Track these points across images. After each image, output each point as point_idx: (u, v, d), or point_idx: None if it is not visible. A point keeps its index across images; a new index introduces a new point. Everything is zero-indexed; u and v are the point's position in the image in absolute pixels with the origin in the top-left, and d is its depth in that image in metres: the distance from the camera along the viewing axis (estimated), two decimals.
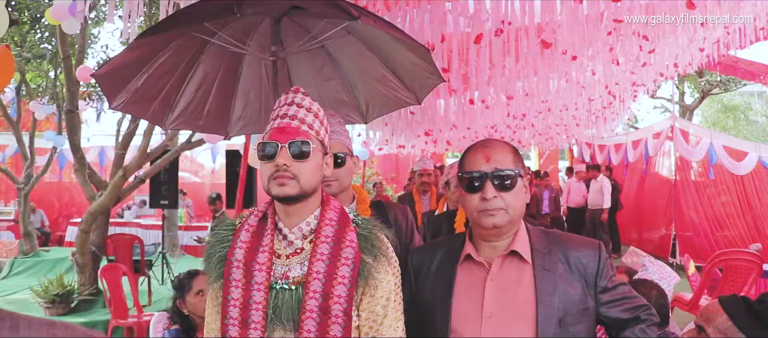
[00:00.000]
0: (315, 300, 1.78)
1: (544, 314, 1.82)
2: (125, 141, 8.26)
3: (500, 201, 1.86)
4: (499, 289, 1.89)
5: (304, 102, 1.93)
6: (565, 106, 10.91)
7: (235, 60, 3.67)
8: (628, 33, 5.59)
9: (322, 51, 3.64)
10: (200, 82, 3.62)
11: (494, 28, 4.51)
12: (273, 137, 1.86)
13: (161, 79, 3.42)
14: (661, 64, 8.34)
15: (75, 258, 7.63)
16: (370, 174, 17.79)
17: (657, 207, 13.88)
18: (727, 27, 6.66)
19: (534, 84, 8.29)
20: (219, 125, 3.95)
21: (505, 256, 1.93)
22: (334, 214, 1.91)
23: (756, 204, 12.12)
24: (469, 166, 1.93)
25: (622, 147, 15.73)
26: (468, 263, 1.98)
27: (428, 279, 2.04)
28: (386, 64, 3.51)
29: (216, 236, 1.97)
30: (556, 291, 1.85)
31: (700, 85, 20.97)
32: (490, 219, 1.87)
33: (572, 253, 1.93)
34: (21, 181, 12.15)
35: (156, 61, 3.27)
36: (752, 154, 12.05)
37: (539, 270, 1.88)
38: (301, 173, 1.83)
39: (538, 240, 1.95)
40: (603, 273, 1.91)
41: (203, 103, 3.75)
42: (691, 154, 12.49)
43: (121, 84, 3.26)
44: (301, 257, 1.87)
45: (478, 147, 1.96)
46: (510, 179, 1.88)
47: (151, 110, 3.56)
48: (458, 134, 11.94)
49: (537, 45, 5.34)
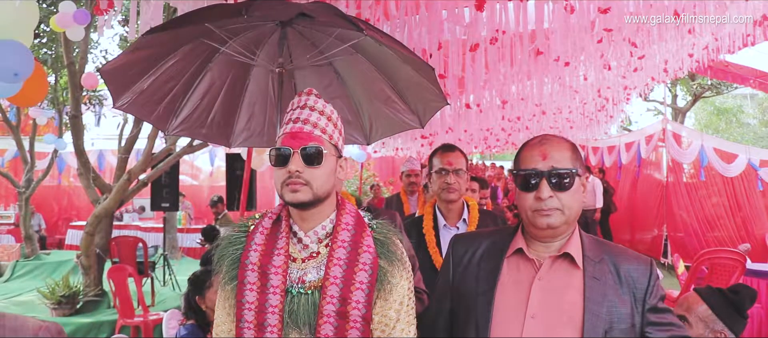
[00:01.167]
0: (332, 305, 1.77)
1: (590, 323, 1.75)
2: (128, 145, 8.42)
3: (556, 202, 1.79)
4: (546, 290, 1.82)
5: (318, 104, 1.91)
6: (559, 108, 11.14)
7: (242, 71, 3.67)
8: (619, 39, 5.79)
9: (330, 68, 3.65)
10: (206, 89, 3.63)
11: (489, 36, 4.69)
12: (285, 142, 1.84)
13: (168, 84, 3.42)
14: (651, 69, 8.55)
15: (80, 260, 7.77)
16: (367, 176, 17.96)
17: (649, 209, 14.08)
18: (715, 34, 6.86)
19: (528, 88, 8.50)
20: (222, 135, 3.95)
21: (557, 257, 1.86)
22: (350, 218, 1.90)
23: (745, 205, 12.36)
24: (525, 164, 1.85)
25: (615, 149, 15.98)
26: (517, 257, 1.91)
27: (470, 268, 1.96)
28: (392, 86, 3.52)
29: (228, 238, 1.95)
30: (605, 302, 1.79)
31: (692, 88, 21.22)
32: (545, 220, 1.80)
33: (623, 265, 1.85)
34: (21, 185, 12.28)
35: (164, 64, 3.27)
36: (742, 156, 12.30)
37: (589, 278, 1.81)
38: (313, 179, 1.81)
39: (590, 248, 1.88)
40: (653, 291, 1.83)
41: (208, 112, 3.76)
42: (683, 156, 12.72)
43: (127, 84, 3.24)
44: (317, 261, 1.86)
45: (535, 143, 1.87)
46: (567, 178, 1.79)
47: (155, 114, 3.56)
48: (454, 136, 12.13)
49: (530, 51, 5.55)
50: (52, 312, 7.26)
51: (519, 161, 1.89)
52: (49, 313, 7.23)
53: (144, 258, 8.90)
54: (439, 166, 3.27)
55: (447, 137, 12.39)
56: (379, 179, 17.96)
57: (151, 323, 6.62)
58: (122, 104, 3.32)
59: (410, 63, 3.19)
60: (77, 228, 15.17)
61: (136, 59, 3.14)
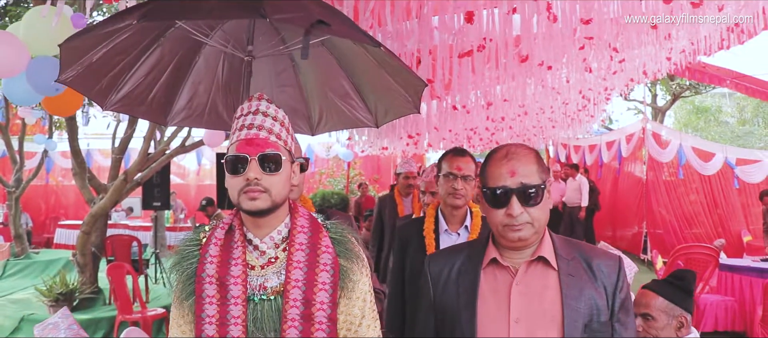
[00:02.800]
0: (296, 308, 1.77)
1: (570, 318, 1.82)
2: (122, 145, 8.57)
3: (526, 216, 1.84)
4: (525, 294, 1.88)
5: (270, 110, 1.88)
6: (542, 109, 11.41)
7: (193, 48, 3.52)
8: (600, 45, 6.06)
9: (285, 56, 3.55)
10: (153, 65, 3.47)
11: (476, 44, 4.94)
12: (241, 149, 1.80)
13: (116, 57, 3.25)
14: (631, 71, 8.84)
15: (76, 258, 7.93)
16: (354, 175, 18.19)
17: (630, 206, 14.44)
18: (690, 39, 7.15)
19: (512, 89, 8.75)
20: (159, 113, 3.78)
21: (531, 262, 1.91)
22: (304, 221, 1.89)
23: (722, 203, 12.79)
24: (494, 181, 1.88)
25: (597, 148, 16.33)
26: (492, 267, 1.95)
27: (449, 284, 2.00)
28: (353, 82, 3.42)
29: (181, 253, 1.90)
30: (582, 296, 1.85)
31: (671, 88, 21.62)
32: (516, 234, 1.86)
33: (594, 261, 1.92)
34: (11, 185, 12.36)
35: (117, 37, 3.09)
36: (719, 155, 12.72)
37: (565, 276, 1.88)
38: (272, 186, 1.79)
39: (561, 247, 1.95)
40: (622, 286, 1.90)
41: (150, 88, 3.58)
42: (662, 155, 13.07)
43: (77, 57, 3.08)
44: (277, 266, 1.84)
45: (502, 159, 1.90)
46: (537, 193, 1.85)
47: (97, 88, 3.38)
48: (439, 135, 12.34)
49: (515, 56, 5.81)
50: (49, 309, 7.40)
51: (487, 177, 1.91)
52: (47, 310, 7.38)
53: (138, 256, 9.07)
54: (447, 169, 3.23)
55: (432, 136, 12.62)
56: (365, 178, 18.17)
57: (149, 318, 6.81)
58: (66, 78, 3.12)
59: (391, 70, 3.08)
60: (66, 228, 15.30)
61: (94, 34, 2.97)
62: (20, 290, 9.71)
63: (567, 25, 4.71)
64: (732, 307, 7.70)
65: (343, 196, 14.92)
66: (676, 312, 2.76)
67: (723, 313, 7.67)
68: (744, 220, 12.69)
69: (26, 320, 7.03)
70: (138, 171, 7.36)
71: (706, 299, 7.76)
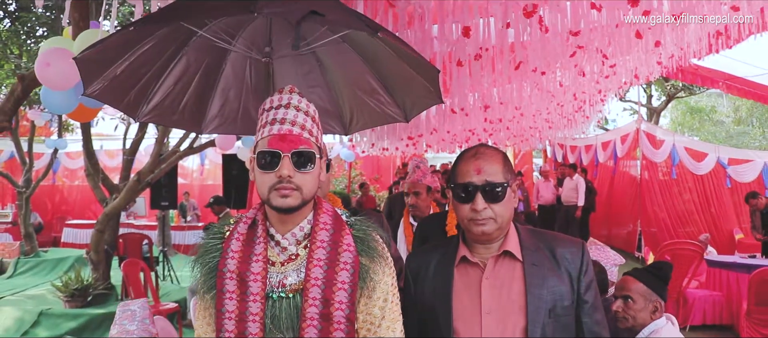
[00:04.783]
0: (315, 307, 1.73)
1: (533, 305, 1.91)
2: (134, 147, 8.90)
3: (489, 212, 1.94)
4: (494, 287, 1.97)
5: (301, 104, 1.84)
6: (538, 110, 11.73)
7: (219, 56, 3.54)
8: (590, 53, 6.39)
9: (311, 56, 3.51)
10: (180, 74, 3.49)
11: (473, 53, 5.26)
12: (274, 145, 1.76)
13: (141, 69, 3.28)
14: (624, 75, 9.16)
15: (89, 256, 8.25)
16: (355, 175, 18.52)
17: (625, 205, 14.70)
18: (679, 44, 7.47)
19: (508, 92, 9.08)
20: (193, 121, 3.81)
21: (498, 256, 2.01)
22: (327, 218, 1.86)
23: (714, 202, 13.05)
24: (461, 178, 1.99)
25: (593, 148, 16.63)
26: (464, 265, 2.05)
27: (427, 282, 2.09)
28: (379, 78, 3.39)
29: (204, 246, 1.89)
30: (545, 284, 1.94)
31: (666, 89, 21.92)
32: (479, 228, 1.96)
33: (558, 249, 2.02)
34: (21, 185, 12.67)
35: (139, 49, 3.12)
36: (711, 155, 13.01)
37: (529, 266, 1.97)
38: (304, 184, 1.76)
39: (526, 239, 2.04)
40: (586, 270, 2.01)
41: (180, 98, 3.61)
42: (655, 155, 13.35)
43: (100, 70, 3.10)
44: (297, 263, 1.81)
45: (470, 158, 2.01)
46: (500, 190, 1.95)
47: (126, 100, 3.42)
48: (438, 137, 12.64)
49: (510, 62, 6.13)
50: (65, 304, 7.73)
51: (455, 174, 2.03)
52: (63, 305, 7.70)
53: (149, 254, 9.39)
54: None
55: (432, 137, 12.94)
56: (365, 178, 18.49)
57: (163, 312, 7.12)
58: (93, 91, 3.15)
59: (412, 62, 3.04)
60: (74, 227, 15.61)
61: (110, 45, 2.97)
62: (33, 287, 10.06)
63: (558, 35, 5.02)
64: (719, 301, 8.04)
65: (344, 195, 15.22)
66: (653, 298, 3.13)
67: (711, 307, 8.02)
68: (736, 219, 12.96)
69: (45, 314, 7.34)
70: (150, 171, 7.67)
71: (695, 294, 8.10)
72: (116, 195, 8.11)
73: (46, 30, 10.47)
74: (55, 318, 7.36)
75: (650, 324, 3.10)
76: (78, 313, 7.45)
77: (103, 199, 8.51)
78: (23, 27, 10.74)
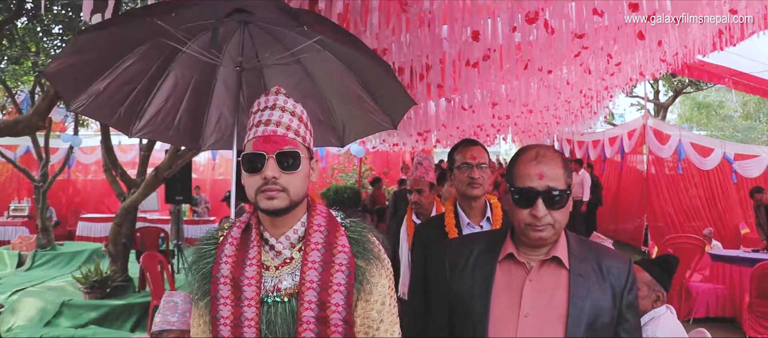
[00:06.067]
0: (311, 310, 1.71)
1: (574, 316, 1.88)
2: (150, 144, 9.12)
3: (549, 218, 1.89)
4: (536, 291, 1.94)
5: (288, 105, 1.81)
6: (546, 106, 11.90)
7: (209, 71, 3.54)
8: (595, 52, 6.57)
9: (298, 66, 3.49)
10: (171, 90, 3.51)
11: (482, 54, 5.45)
12: (258, 147, 1.74)
13: (127, 85, 3.27)
14: (629, 72, 9.33)
15: (108, 248, 8.49)
16: (365, 170, 18.73)
17: (632, 200, 14.79)
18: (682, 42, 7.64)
19: (516, 89, 9.27)
20: (190, 137, 3.82)
21: (545, 260, 1.97)
22: (322, 220, 1.83)
23: (720, 197, 13.17)
24: (522, 181, 1.92)
25: (600, 143, 16.74)
26: (508, 262, 2.00)
27: (465, 273, 2.05)
28: (362, 85, 3.37)
29: (198, 252, 1.86)
30: (589, 297, 1.91)
31: (673, 84, 21.99)
32: (538, 234, 1.91)
33: (605, 261, 1.98)
34: (38, 179, 12.92)
35: (121, 65, 3.11)
36: (717, 151, 13.11)
37: (575, 275, 1.93)
38: (290, 185, 1.74)
39: (575, 247, 2.00)
40: (630, 288, 1.98)
41: (174, 113, 3.63)
42: (662, 150, 13.47)
43: (80, 85, 3.09)
44: (292, 267, 1.78)
45: (531, 161, 1.94)
46: (562, 198, 1.90)
47: (116, 116, 3.42)
48: (447, 132, 12.82)
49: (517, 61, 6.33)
50: (85, 295, 7.96)
51: (515, 177, 1.95)
52: (83, 296, 7.93)
53: (165, 247, 9.63)
54: (461, 161, 3.11)
55: (441, 133, 13.13)
56: (375, 173, 18.66)
57: None
58: (78, 107, 3.16)
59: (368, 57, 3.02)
60: (89, 221, 15.88)
61: (85, 61, 2.97)
62: (51, 279, 10.32)
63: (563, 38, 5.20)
64: (722, 294, 8.23)
65: (355, 190, 15.45)
66: (656, 288, 3.34)
67: (714, 300, 8.21)
68: (742, 213, 13.06)
69: (67, 305, 7.57)
70: (168, 167, 7.89)
71: (699, 287, 8.28)
72: (134, 189, 8.34)
73: (63, 28, 10.67)
74: (76, 308, 7.59)
75: (650, 311, 3.31)
76: (99, 304, 7.67)
77: (120, 194, 8.73)
78: (40, 25, 10.93)
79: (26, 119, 5.11)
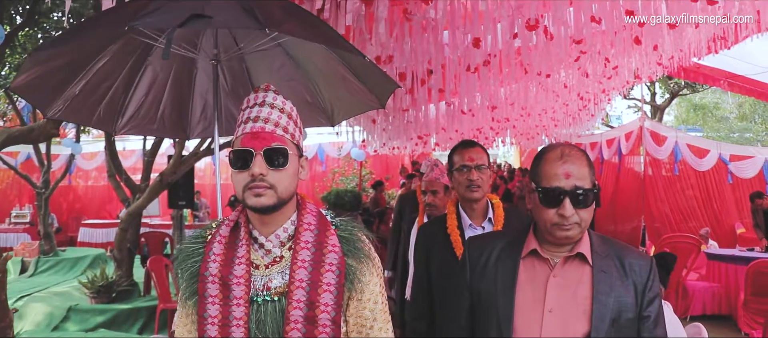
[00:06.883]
0: (299, 310, 1.69)
1: (598, 312, 1.88)
2: (154, 149, 9.24)
3: (576, 217, 1.88)
4: (561, 286, 1.94)
5: (276, 101, 1.79)
6: (544, 109, 12.04)
7: (186, 63, 3.50)
8: (593, 54, 6.71)
9: (278, 50, 3.41)
10: (150, 84, 3.46)
11: (482, 60, 5.58)
12: (246, 143, 1.71)
13: (103, 85, 3.22)
14: (625, 75, 9.48)
15: (113, 253, 8.60)
16: (366, 174, 18.84)
17: (629, 201, 14.85)
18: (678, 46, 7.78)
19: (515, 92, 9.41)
20: (177, 129, 3.80)
21: (569, 256, 1.97)
22: (312, 218, 1.81)
23: (716, 197, 13.27)
24: (548, 181, 1.92)
25: (598, 145, 16.85)
26: (532, 258, 2.01)
27: (487, 269, 2.05)
28: (346, 64, 3.28)
29: (185, 250, 1.83)
30: (612, 293, 1.92)
31: (669, 87, 22.15)
32: (564, 233, 1.91)
33: (627, 258, 1.99)
34: (40, 186, 13.00)
35: (94, 65, 3.06)
36: (713, 152, 13.23)
37: (598, 272, 1.94)
38: (278, 182, 1.71)
39: (598, 244, 2.01)
40: (652, 285, 1.98)
41: (156, 107, 3.59)
42: (658, 151, 13.58)
43: (53, 93, 3.05)
44: (281, 266, 1.76)
45: (557, 160, 1.93)
46: (588, 197, 1.90)
47: (96, 116, 3.40)
48: (447, 136, 12.93)
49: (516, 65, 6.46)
50: (90, 300, 8.07)
51: (541, 176, 1.94)
52: (89, 301, 8.04)
53: (171, 251, 9.73)
54: (460, 162, 3.08)
55: (440, 136, 13.25)
56: (376, 176, 18.75)
57: None
58: (55, 113, 3.13)
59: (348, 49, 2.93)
60: (90, 227, 15.97)
61: (54, 68, 2.91)
62: (55, 285, 10.41)
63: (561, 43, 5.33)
64: (719, 293, 8.38)
65: (356, 194, 15.54)
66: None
67: (710, 298, 8.36)
68: (737, 213, 13.17)
69: (74, 309, 7.68)
70: (172, 172, 8.00)
71: (695, 285, 8.43)
72: (139, 195, 8.44)
73: None
74: (83, 313, 7.70)
75: None
76: (105, 308, 7.79)
77: (125, 199, 8.85)
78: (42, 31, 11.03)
79: (40, 127, 5.20)
